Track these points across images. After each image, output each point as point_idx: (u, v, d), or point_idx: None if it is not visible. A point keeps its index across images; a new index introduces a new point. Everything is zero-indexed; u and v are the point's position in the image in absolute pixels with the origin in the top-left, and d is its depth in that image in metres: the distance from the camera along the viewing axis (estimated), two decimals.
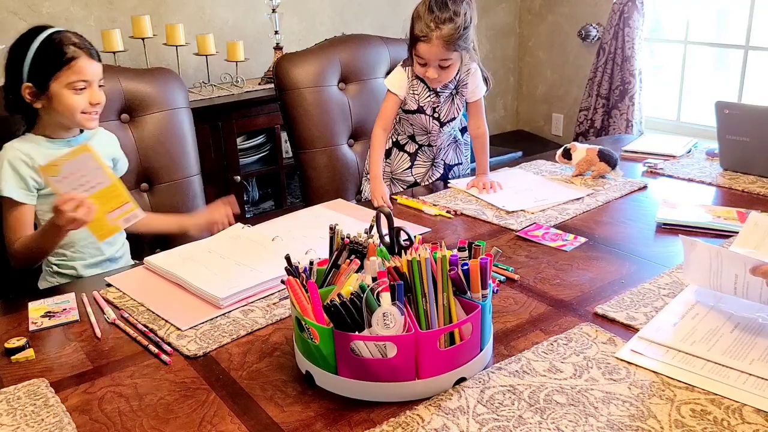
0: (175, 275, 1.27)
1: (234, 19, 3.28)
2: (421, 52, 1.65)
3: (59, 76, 1.38)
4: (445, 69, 1.69)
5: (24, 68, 1.38)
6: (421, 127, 1.85)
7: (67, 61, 1.37)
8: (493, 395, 0.90)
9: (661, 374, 0.93)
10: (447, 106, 1.82)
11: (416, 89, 1.78)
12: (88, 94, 1.40)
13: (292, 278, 0.96)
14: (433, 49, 1.63)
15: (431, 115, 1.81)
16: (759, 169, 1.76)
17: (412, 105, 1.80)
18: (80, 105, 1.40)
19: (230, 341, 1.07)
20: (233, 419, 0.88)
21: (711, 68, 3.74)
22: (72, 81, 1.38)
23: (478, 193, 1.72)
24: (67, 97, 1.38)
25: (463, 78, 1.78)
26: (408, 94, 1.78)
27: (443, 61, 1.66)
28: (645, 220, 1.51)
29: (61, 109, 1.40)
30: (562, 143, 2.01)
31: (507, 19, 4.34)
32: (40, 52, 1.38)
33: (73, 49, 1.38)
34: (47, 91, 1.38)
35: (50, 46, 1.38)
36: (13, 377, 0.99)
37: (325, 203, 1.73)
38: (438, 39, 1.61)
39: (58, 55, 1.37)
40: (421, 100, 1.79)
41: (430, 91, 1.78)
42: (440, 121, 1.83)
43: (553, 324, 1.08)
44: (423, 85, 1.77)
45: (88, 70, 1.40)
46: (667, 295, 1.15)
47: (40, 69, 1.38)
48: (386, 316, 0.88)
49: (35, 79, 1.38)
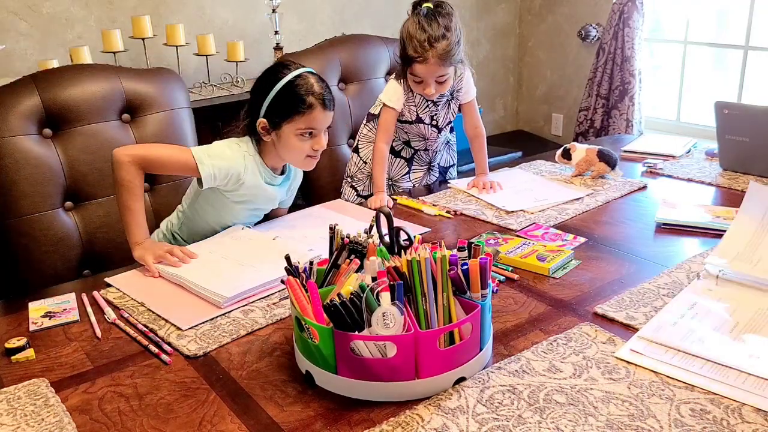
0: (177, 276, 1.27)
1: (234, 19, 3.29)
2: (418, 72, 1.65)
3: (293, 121, 1.43)
4: (442, 84, 1.69)
5: (264, 105, 1.44)
6: (418, 135, 1.85)
7: (304, 111, 1.42)
8: (493, 395, 0.90)
9: (661, 374, 0.94)
10: (444, 112, 1.82)
11: (414, 101, 1.78)
12: (313, 140, 1.46)
13: (292, 278, 0.96)
14: (431, 68, 1.63)
15: (429, 124, 1.82)
16: (758, 169, 1.76)
17: (410, 116, 1.80)
18: (305, 150, 1.46)
19: (230, 341, 1.07)
20: (233, 419, 0.88)
21: (710, 68, 3.74)
22: (302, 128, 1.43)
23: (479, 193, 1.72)
24: (294, 141, 1.44)
25: (457, 83, 1.79)
26: (405, 106, 1.78)
27: (440, 77, 1.66)
28: (645, 220, 1.51)
29: (286, 151, 1.47)
30: (561, 143, 2.01)
31: (507, 19, 4.35)
32: (282, 93, 1.43)
33: (312, 99, 1.42)
34: (279, 129, 1.44)
35: (292, 91, 1.42)
36: (14, 377, 0.99)
37: (325, 203, 1.74)
38: (434, 58, 1.61)
39: (297, 102, 1.42)
40: (420, 111, 1.79)
41: (427, 102, 1.78)
42: (438, 127, 1.84)
43: (552, 324, 1.08)
44: (420, 97, 1.77)
45: (321, 121, 1.45)
46: (667, 294, 1.15)
47: (277, 110, 1.44)
48: (386, 315, 0.88)
49: (271, 117, 1.44)
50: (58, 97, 1.60)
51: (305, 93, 1.42)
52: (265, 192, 1.52)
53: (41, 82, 1.60)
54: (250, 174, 1.47)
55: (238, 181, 1.46)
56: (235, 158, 1.45)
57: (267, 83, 1.45)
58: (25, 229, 1.55)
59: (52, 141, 1.60)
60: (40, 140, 1.58)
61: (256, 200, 1.53)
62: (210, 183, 1.43)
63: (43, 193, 1.56)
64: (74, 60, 2.69)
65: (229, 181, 1.45)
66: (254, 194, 1.50)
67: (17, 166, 1.53)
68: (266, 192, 1.52)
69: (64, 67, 1.75)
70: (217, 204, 1.50)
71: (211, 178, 1.42)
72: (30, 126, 1.56)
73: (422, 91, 1.71)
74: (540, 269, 1.26)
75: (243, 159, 1.46)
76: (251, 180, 1.47)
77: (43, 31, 2.84)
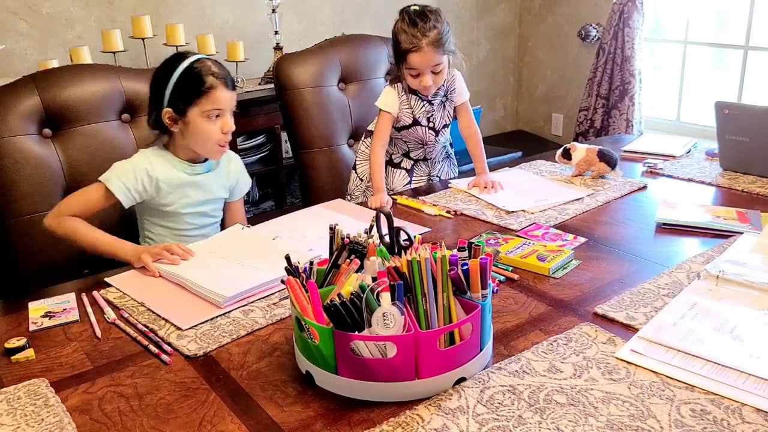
0: (177, 275, 1.27)
1: (234, 19, 3.29)
2: (414, 63, 1.69)
3: (197, 104, 1.45)
4: (438, 74, 1.72)
5: (165, 94, 1.47)
6: (416, 141, 1.86)
7: (206, 91, 1.45)
8: (493, 395, 0.90)
9: (661, 374, 0.94)
10: (440, 113, 1.84)
11: (410, 102, 1.80)
12: (221, 122, 1.48)
13: (292, 278, 0.96)
14: (425, 56, 1.67)
15: (427, 126, 1.83)
16: (758, 169, 1.76)
17: (407, 120, 1.82)
18: (214, 132, 1.48)
19: (230, 341, 1.07)
20: (233, 419, 0.88)
21: (710, 68, 3.74)
22: (208, 109, 1.46)
23: (479, 192, 1.72)
24: (202, 124, 1.46)
25: (450, 84, 1.82)
26: (401, 110, 1.80)
27: (435, 66, 1.70)
28: (645, 220, 1.51)
29: (196, 136, 1.49)
30: (561, 143, 2.01)
31: (507, 19, 4.34)
32: (181, 80, 1.46)
33: (212, 79, 1.46)
34: (185, 116, 1.47)
35: (191, 75, 1.46)
36: (14, 377, 0.99)
37: (325, 203, 1.73)
38: (428, 45, 1.66)
39: (197, 84, 1.45)
40: (416, 112, 1.81)
41: (423, 101, 1.80)
42: (435, 129, 1.85)
43: (552, 324, 1.08)
44: (415, 97, 1.80)
45: (224, 100, 1.48)
46: (667, 295, 1.15)
47: (180, 96, 1.46)
48: (386, 316, 0.88)
49: (175, 104, 1.47)
50: (57, 97, 1.60)
51: (205, 74, 1.45)
52: (193, 182, 1.53)
53: (41, 82, 1.60)
54: (160, 169, 1.49)
55: (151, 180, 1.48)
56: (137, 161, 1.49)
57: (166, 73, 1.47)
58: (25, 229, 1.55)
59: (52, 141, 1.60)
60: (40, 140, 1.58)
61: (190, 196, 1.53)
62: (128, 197, 1.47)
63: (42, 193, 1.56)
64: (74, 60, 2.69)
65: (145, 186, 1.47)
66: (182, 190, 1.52)
67: (17, 166, 1.53)
68: (194, 182, 1.53)
69: (64, 67, 1.75)
70: (164, 220, 1.54)
71: (124, 191, 1.46)
72: (30, 126, 1.56)
73: (420, 85, 1.73)
74: (540, 269, 1.26)
75: (146, 158, 1.49)
76: (164, 173, 1.49)
77: (43, 31, 2.84)
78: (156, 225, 1.56)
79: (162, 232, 1.56)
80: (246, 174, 1.69)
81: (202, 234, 1.57)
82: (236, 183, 1.66)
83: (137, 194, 1.48)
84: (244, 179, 1.68)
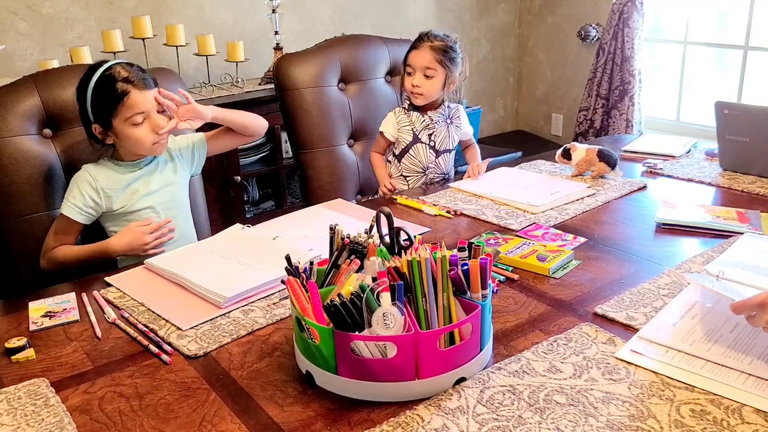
0: (178, 275, 1.27)
1: (234, 19, 3.28)
2: (410, 60, 1.82)
3: (117, 113, 1.44)
4: (429, 80, 1.80)
5: (87, 110, 1.47)
6: (417, 165, 1.89)
7: (120, 98, 1.43)
8: (493, 395, 0.90)
9: (661, 374, 0.94)
10: (442, 133, 1.88)
11: (410, 119, 1.87)
12: (148, 124, 1.46)
13: (292, 278, 0.96)
14: (421, 54, 1.80)
15: (427, 143, 1.87)
16: (758, 169, 1.76)
17: (407, 138, 1.87)
18: (146, 137, 1.47)
19: (230, 341, 1.07)
20: (233, 419, 0.88)
21: (710, 68, 3.74)
22: (128, 116, 1.44)
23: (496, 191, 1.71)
24: (130, 131, 1.46)
25: (454, 111, 1.91)
26: (401, 129, 1.87)
27: (428, 70, 1.79)
28: (645, 220, 1.51)
29: (130, 145, 1.49)
30: (561, 143, 2.01)
31: (507, 19, 4.34)
32: (95, 94, 1.45)
33: (121, 85, 1.43)
34: (112, 128, 1.46)
35: (103, 86, 1.44)
36: (14, 377, 0.99)
37: (325, 203, 1.73)
38: (428, 47, 1.79)
39: (111, 93, 1.43)
40: (416, 127, 1.86)
41: (423, 117, 1.87)
42: (436, 150, 1.88)
43: (552, 324, 1.08)
44: (416, 113, 1.87)
45: (141, 102, 1.45)
46: (667, 295, 1.15)
47: (99, 110, 1.45)
48: (386, 316, 0.88)
49: (98, 119, 1.46)
50: (57, 97, 1.60)
51: (116, 81, 1.43)
52: (137, 177, 1.53)
53: (41, 82, 1.60)
54: (102, 178, 1.50)
55: (97, 191, 1.49)
56: (79, 179, 1.50)
57: (82, 89, 1.47)
58: (24, 229, 1.55)
59: (52, 141, 1.60)
60: (40, 140, 1.58)
61: (138, 190, 1.53)
62: (84, 215, 1.49)
63: (42, 193, 1.56)
64: (74, 60, 2.69)
65: (94, 199, 1.49)
66: (129, 189, 1.52)
67: (17, 166, 1.53)
68: (138, 177, 1.53)
69: (63, 67, 1.75)
70: (125, 225, 1.53)
71: (77, 212, 1.48)
72: (30, 126, 1.56)
73: (411, 86, 1.82)
74: (540, 269, 1.26)
75: (87, 173, 1.50)
76: (107, 181, 1.50)
77: (43, 31, 2.84)
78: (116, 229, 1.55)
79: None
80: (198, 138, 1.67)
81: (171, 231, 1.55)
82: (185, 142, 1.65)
83: (91, 209, 1.50)
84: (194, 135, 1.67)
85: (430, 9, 3.96)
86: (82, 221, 1.50)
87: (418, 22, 3.88)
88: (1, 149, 1.52)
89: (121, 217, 1.53)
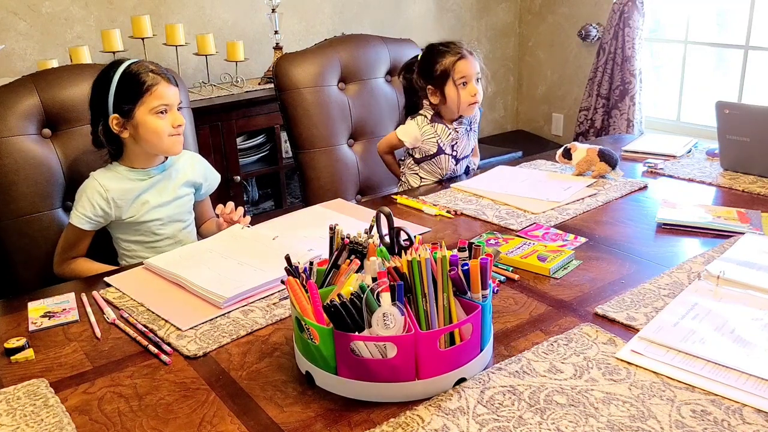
0: (177, 276, 1.27)
1: (234, 19, 3.28)
2: (463, 69, 1.78)
3: (142, 103, 1.45)
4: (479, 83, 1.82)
5: (109, 101, 1.47)
6: (436, 171, 1.89)
7: (148, 88, 1.46)
8: (493, 396, 0.90)
9: (662, 375, 0.93)
10: (464, 142, 1.89)
11: (435, 130, 1.84)
12: (170, 117, 1.49)
13: (292, 278, 0.96)
14: (471, 62, 1.79)
15: (450, 154, 1.87)
16: (759, 169, 1.76)
17: (431, 149, 1.85)
18: (165, 128, 1.48)
19: (230, 341, 1.07)
20: (233, 419, 0.88)
21: (711, 68, 3.74)
22: (154, 106, 1.46)
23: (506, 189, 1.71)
24: (151, 122, 1.46)
25: (475, 115, 1.90)
26: (425, 140, 1.84)
27: (478, 74, 1.80)
28: (645, 220, 1.51)
29: (148, 135, 1.48)
30: (562, 143, 2.01)
31: (507, 19, 4.34)
32: (122, 84, 1.46)
33: (152, 76, 1.47)
34: (133, 119, 1.47)
35: (130, 77, 1.47)
36: (13, 377, 0.99)
37: (325, 203, 1.73)
38: (468, 53, 1.79)
39: (138, 84, 1.46)
40: (442, 139, 1.85)
41: (449, 129, 1.85)
42: (457, 158, 1.88)
43: (553, 324, 1.08)
44: (442, 125, 1.85)
45: (168, 95, 1.48)
46: (668, 295, 1.15)
47: (123, 99, 1.46)
48: (386, 316, 0.88)
49: (120, 109, 1.46)
50: (57, 97, 1.59)
51: (144, 73, 1.47)
52: (149, 187, 1.53)
53: (40, 82, 1.60)
54: (112, 187, 1.50)
55: (107, 201, 1.49)
56: (88, 188, 1.50)
57: (104, 81, 1.48)
58: (24, 229, 1.55)
59: (52, 141, 1.60)
60: (40, 140, 1.58)
61: (149, 201, 1.53)
62: (92, 224, 1.50)
63: (42, 193, 1.56)
64: (74, 60, 2.69)
65: (104, 208, 1.49)
66: (140, 198, 1.52)
67: (16, 166, 1.53)
68: (150, 186, 1.53)
69: (63, 67, 1.75)
70: (133, 234, 1.55)
71: (86, 221, 1.49)
72: (29, 126, 1.56)
73: (469, 94, 1.79)
74: (540, 269, 1.25)
75: (96, 181, 1.50)
76: (117, 189, 1.50)
77: (43, 31, 2.83)
78: (127, 241, 1.56)
79: (134, 248, 1.56)
80: (214, 172, 1.71)
81: (176, 242, 1.57)
82: (205, 181, 1.66)
83: (100, 218, 1.50)
84: (214, 177, 1.70)
85: (430, 9, 3.96)
86: (91, 229, 1.51)
87: (418, 22, 3.88)
88: (0, 149, 1.51)
89: (131, 226, 1.54)
